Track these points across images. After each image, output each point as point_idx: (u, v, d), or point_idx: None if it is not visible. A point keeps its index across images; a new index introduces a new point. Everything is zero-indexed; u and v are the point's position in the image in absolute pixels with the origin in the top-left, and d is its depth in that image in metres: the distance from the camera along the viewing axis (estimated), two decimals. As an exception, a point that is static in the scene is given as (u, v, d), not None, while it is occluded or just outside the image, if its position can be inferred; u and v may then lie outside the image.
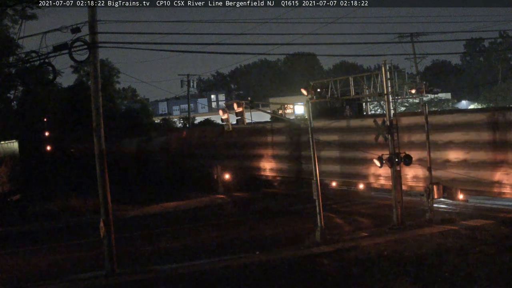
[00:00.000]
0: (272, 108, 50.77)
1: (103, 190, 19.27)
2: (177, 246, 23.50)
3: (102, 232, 19.22)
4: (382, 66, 24.03)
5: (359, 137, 30.27)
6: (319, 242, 21.45)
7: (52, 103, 60.46)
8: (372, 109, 67.67)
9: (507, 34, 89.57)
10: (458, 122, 25.67)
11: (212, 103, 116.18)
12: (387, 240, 21.26)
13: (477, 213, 25.11)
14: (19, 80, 48.61)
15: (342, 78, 27.59)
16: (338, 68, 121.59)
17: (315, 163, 22.32)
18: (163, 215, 31.75)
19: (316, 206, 22.02)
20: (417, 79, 55.86)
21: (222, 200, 35.81)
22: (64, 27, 18.65)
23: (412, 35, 59.81)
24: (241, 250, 21.61)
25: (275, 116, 37.25)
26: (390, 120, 23.82)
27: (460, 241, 20.08)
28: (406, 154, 23.74)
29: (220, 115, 23.91)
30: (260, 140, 39.11)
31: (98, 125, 19.41)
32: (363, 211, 28.21)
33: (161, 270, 19.43)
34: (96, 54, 19.02)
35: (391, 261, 18.16)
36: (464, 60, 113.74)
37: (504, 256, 17.71)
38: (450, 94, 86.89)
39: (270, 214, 29.22)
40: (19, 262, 22.13)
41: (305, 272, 18.06)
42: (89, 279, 18.92)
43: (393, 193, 23.64)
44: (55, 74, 22.04)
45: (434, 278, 16.15)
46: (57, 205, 33.23)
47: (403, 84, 27.56)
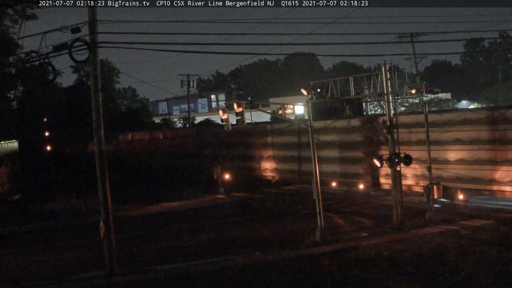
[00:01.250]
0: (272, 108, 50.76)
1: (103, 190, 19.27)
2: (177, 246, 23.49)
3: (102, 232, 19.22)
4: (382, 66, 24.02)
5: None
6: (319, 242, 21.44)
7: (52, 103, 60.53)
8: (372, 109, 67.75)
9: (507, 34, 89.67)
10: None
11: (212, 103, 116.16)
12: (387, 240, 21.25)
13: (477, 213, 25.11)
14: (19, 80, 48.65)
15: (342, 78, 27.59)
16: (338, 68, 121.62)
17: (315, 163, 22.32)
18: (163, 215, 31.75)
19: (316, 206, 22.02)
20: (417, 79, 55.84)
21: (222, 200, 35.80)
22: (64, 27, 18.62)
23: (412, 35, 59.83)
24: (241, 250, 21.60)
25: (275, 116, 37.23)
26: (390, 120, 23.82)
27: (460, 241, 20.07)
28: (406, 154, 23.74)
29: (220, 115, 23.89)
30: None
31: (98, 125, 19.41)
32: (363, 211, 28.19)
33: (161, 270, 19.42)
34: (96, 54, 19.03)
35: (391, 261, 18.15)
36: (464, 60, 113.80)
37: (504, 256, 17.71)
38: (450, 94, 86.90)
39: (270, 214, 29.22)
40: (19, 262, 22.12)
41: (305, 272, 18.06)
42: (89, 279, 18.91)
43: (393, 193, 23.64)
44: (55, 74, 22.08)
45: (434, 278, 16.15)
46: (57, 205, 33.25)
47: (403, 84, 27.57)
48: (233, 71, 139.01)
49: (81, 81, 70.05)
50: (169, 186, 41.07)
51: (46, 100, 59.11)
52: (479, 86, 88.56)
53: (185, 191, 38.16)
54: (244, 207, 32.19)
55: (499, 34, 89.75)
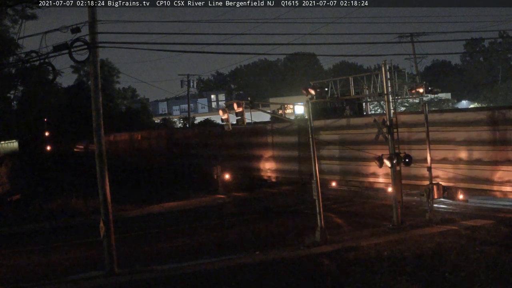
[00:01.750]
0: (272, 108, 50.75)
1: (103, 190, 19.27)
2: (177, 246, 23.49)
3: (102, 232, 19.21)
4: (382, 66, 24.02)
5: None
6: (319, 242, 21.43)
7: (52, 103, 60.55)
8: (372, 109, 67.69)
9: (507, 34, 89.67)
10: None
11: (212, 103, 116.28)
12: (387, 240, 21.24)
13: (477, 213, 25.10)
14: (19, 80, 48.67)
15: (342, 78, 27.60)
16: (338, 68, 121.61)
17: (315, 163, 22.32)
18: (163, 215, 31.74)
19: (316, 206, 22.02)
20: (417, 79, 55.88)
21: (222, 200, 35.80)
22: (64, 27, 18.62)
23: (412, 35, 59.86)
24: (241, 250, 21.60)
25: (275, 116, 37.22)
26: (390, 119, 23.82)
27: (460, 241, 20.06)
28: (406, 154, 23.73)
29: (220, 115, 23.90)
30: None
31: (98, 125, 19.41)
32: (363, 211, 28.19)
33: (161, 270, 19.43)
34: (96, 54, 19.02)
35: (391, 261, 18.14)
36: (464, 60, 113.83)
37: (504, 256, 17.69)
38: (450, 94, 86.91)
39: (270, 214, 29.22)
40: (19, 262, 22.12)
41: (305, 272, 18.05)
42: (89, 279, 18.91)
43: (393, 193, 23.63)
44: (55, 74, 22.04)
45: (434, 278, 16.14)
46: (57, 205, 33.22)
47: (403, 84, 27.56)
48: (233, 71, 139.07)
49: (81, 81, 70.08)
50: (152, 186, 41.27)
51: (46, 100, 59.10)
52: (479, 86, 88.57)
53: (185, 191, 38.18)
54: (244, 207, 32.19)
55: (499, 34, 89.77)
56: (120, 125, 61.29)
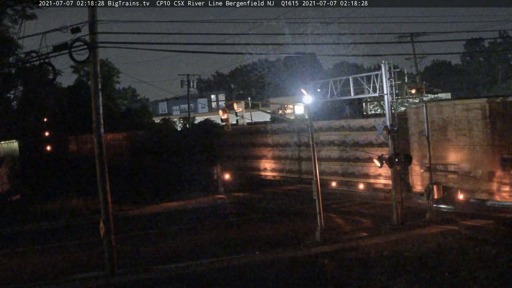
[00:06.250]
0: (272, 108, 50.78)
1: (103, 190, 19.27)
2: (177, 246, 23.49)
3: (102, 232, 19.22)
4: (382, 66, 24.02)
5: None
6: (319, 242, 21.45)
7: (52, 103, 60.53)
8: (372, 109, 67.61)
9: (507, 34, 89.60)
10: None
11: (212, 103, 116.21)
12: (387, 240, 21.25)
13: (477, 213, 25.11)
14: (19, 80, 48.65)
15: (342, 78, 27.58)
16: (338, 68, 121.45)
17: (315, 163, 22.32)
18: (163, 215, 31.73)
19: (316, 206, 22.02)
20: (417, 79, 55.85)
21: (222, 200, 35.79)
22: (64, 27, 18.62)
23: (412, 35, 59.73)
24: (241, 250, 21.61)
25: (275, 116, 37.26)
26: (390, 119, 23.82)
27: (460, 241, 20.08)
28: (406, 154, 23.74)
29: (220, 115, 23.93)
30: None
31: (98, 125, 19.42)
32: (363, 211, 28.19)
33: (161, 270, 19.44)
34: (96, 54, 19.03)
35: (391, 261, 18.16)
36: (464, 60, 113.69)
37: (504, 256, 17.71)
38: (450, 94, 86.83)
39: (270, 214, 29.21)
40: (19, 262, 22.12)
41: (305, 272, 18.06)
42: (89, 279, 18.92)
43: (393, 193, 23.64)
44: (55, 74, 22.02)
45: (434, 278, 16.15)
46: (57, 205, 33.24)
47: (403, 84, 27.56)
48: (233, 71, 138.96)
49: (81, 81, 69.98)
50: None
51: (46, 100, 59.08)
52: (479, 86, 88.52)
53: (185, 191, 38.18)
54: (244, 207, 32.18)
55: (499, 34, 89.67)
56: (120, 125, 61.20)
